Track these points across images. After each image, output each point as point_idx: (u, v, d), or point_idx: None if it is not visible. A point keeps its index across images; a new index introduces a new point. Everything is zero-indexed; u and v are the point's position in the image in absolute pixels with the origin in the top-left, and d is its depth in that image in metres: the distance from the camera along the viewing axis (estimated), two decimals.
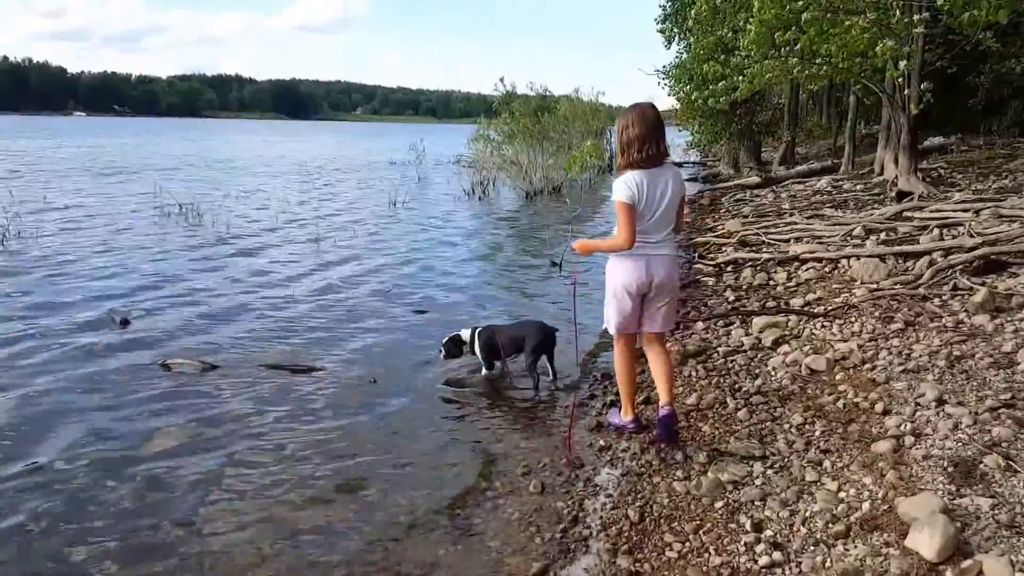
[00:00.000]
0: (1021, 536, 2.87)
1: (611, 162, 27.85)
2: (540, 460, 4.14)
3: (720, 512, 3.35)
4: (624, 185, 3.81)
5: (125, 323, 6.88)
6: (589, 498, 3.66)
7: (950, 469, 3.40)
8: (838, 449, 3.82)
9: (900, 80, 12.02)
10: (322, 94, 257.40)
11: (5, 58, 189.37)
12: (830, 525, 3.11)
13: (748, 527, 3.18)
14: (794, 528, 3.15)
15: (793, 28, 11.97)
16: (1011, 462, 3.40)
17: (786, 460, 3.77)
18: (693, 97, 18.14)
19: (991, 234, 7.87)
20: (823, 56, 12.45)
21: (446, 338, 5.54)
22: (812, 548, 2.99)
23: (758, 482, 3.58)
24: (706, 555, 3.05)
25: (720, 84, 14.19)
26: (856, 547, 2.94)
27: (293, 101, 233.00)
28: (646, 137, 3.79)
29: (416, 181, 23.31)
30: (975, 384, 4.35)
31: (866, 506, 3.21)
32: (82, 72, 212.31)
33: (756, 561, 2.95)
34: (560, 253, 10.36)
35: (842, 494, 3.36)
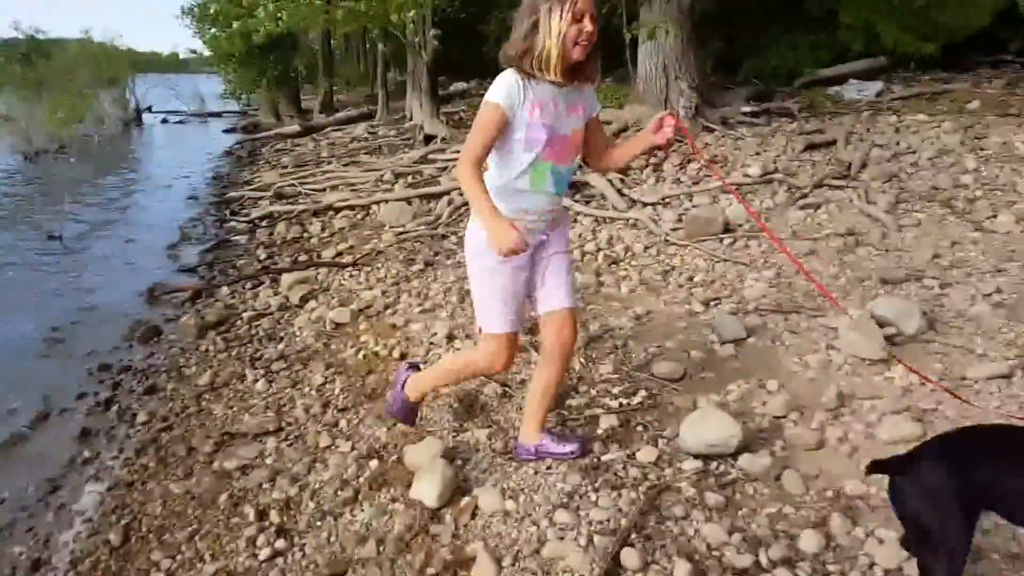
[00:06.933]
0: (511, 462, 3.01)
1: (138, 114, 24.60)
2: None
3: (222, 508, 2.92)
4: None
5: None
6: (61, 531, 2.93)
7: (455, 405, 3.46)
8: (355, 405, 3.68)
9: (412, 28, 12.56)
10: None
11: None
12: (339, 492, 2.91)
13: (252, 517, 2.82)
14: (302, 506, 2.88)
15: None
16: (506, 388, 3.60)
17: (303, 428, 3.50)
18: (225, 36, 16.73)
19: None
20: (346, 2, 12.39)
21: None
22: (319, 524, 2.76)
23: (269, 460, 3.25)
24: (200, 565, 2.61)
25: (261, 13, 13.06)
26: (363, 511, 2.79)
27: None
28: None
29: None
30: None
31: (374, 464, 3.09)
32: None
33: (257, 556, 2.61)
34: (61, 227, 8.51)
35: (355, 453, 3.20)
